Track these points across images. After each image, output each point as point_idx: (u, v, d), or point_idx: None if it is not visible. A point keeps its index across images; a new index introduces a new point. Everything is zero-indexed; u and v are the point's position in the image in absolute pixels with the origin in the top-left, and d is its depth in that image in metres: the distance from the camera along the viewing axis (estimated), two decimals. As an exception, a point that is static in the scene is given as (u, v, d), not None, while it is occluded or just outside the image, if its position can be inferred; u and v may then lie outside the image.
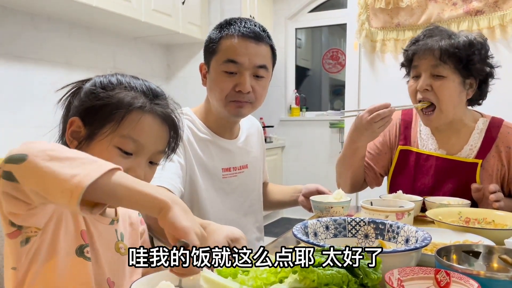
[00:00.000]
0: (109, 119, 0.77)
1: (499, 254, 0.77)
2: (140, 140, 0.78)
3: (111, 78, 0.82)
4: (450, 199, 1.35)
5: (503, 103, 2.19)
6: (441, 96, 1.33)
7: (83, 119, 0.79)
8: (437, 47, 1.31)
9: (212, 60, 1.24)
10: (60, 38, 2.79)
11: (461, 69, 1.33)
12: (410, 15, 2.43)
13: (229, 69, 1.20)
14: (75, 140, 0.79)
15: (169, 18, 3.13)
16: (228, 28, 1.23)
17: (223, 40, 1.22)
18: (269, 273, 0.63)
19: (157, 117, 0.80)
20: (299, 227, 0.89)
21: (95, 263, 0.79)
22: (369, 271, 0.63)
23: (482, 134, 1.41)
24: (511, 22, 2.19)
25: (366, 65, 2.65)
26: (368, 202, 1.21)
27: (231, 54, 1.20)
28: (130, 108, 0.78)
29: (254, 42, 1.22)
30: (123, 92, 0.80)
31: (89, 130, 0.78)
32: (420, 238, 0.83)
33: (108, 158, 0.72)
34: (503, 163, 1.38)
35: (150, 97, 0.81)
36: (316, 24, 4.80)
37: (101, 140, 0.77)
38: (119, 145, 0.77)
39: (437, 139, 1.46)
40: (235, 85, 1.21)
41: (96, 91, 0.80)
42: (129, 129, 0.77)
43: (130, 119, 0.78)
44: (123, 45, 3.30)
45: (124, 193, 0.61)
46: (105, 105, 0.78)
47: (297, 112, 4.75)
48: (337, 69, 4.94)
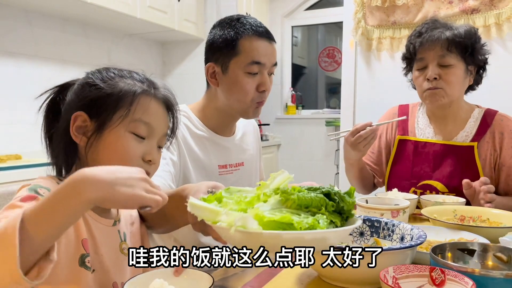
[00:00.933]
0: (118, 107, 0.78)
1: (493, 252, 0.77)
2: (151, 122, 0.80)
3: (107, 70, 0.83)
4: (445, 197, 1.36)
5: (498, 99, 2.19)
6: (450, 83, 1.41)
7: (88, 113, 0.79)
8: (444, 38, 1.39)
9: (232, 61, 1.22)
10: (55, 34, 2.77)
11: (466, 57, 1.41)
12: (406, 13, 2.43)
13: (253, 70, 1.22)
14: (83, 136, 0.79)
15: (164, 15, 3.12)
16: (244, 27, 1.22)
17: (243, 41, 1.21)
18: (253, 197, 0.66)
19: (160, 101, 0.83)
20: (294, 225, 0.89)
21: (100, 269, 0.79)
22: (344, 196, 0.68)
23: (478, 122, 1.48)
24: (506, 21, 2.19)
25: (362, 63, 2.65)
26: (363, 200, 1.21)
27: (256, 56, 1.21)
28: (137, 94, 0.80)
29: (269, 41, 1.24)
30: (123, 81, 0.81)
31: (98, 121, 0.78)
32: (415, 236, 0.83)
33: (125, 144, 0.77)
34: (495, 148, 1.45)
35: (148, 84, 0.83)
36: (312, 22, 4.79)
37: (113, 128, 0.78)
38: (133, 130, 0.79)
39: (434, 127, 1.54)
40: (258, 85, 1.24)
41: (96, 82, 0.80)
42: (140, 113, 0.79)
43: (140, 103, 0.80)
44: (118, 42, 3.28)
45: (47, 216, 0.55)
46: (110, 95, 0.79)
47: (293, 110, 4.75)
48: (333, 67, 4.93)
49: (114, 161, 0.76)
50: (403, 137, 1.57)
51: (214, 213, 0.63)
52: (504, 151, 1.43)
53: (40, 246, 0.55)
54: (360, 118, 2.69)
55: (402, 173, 1.54)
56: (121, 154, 0.78)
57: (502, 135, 1.44)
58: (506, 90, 2.27)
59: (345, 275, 0.77)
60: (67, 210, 0.56)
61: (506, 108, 1.79)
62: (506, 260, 0.75)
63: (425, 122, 1.57)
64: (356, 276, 0.77)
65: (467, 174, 1.42)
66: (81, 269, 0.76)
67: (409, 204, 1.16)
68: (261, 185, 0.71)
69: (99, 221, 0.81)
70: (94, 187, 0.56)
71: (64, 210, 0.56)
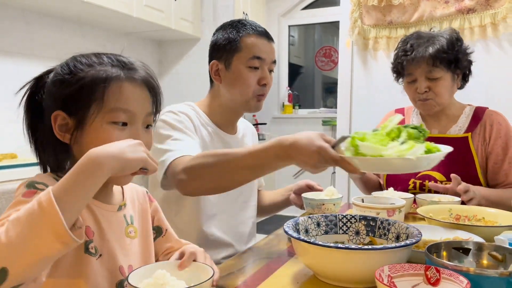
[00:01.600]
0: (92, 100, 0.76)
1: (488, 250, 0.77)
2: (129, 107, 0.78)
3: (75, 61, 0.80)
4: (441, 196, 1.37)
5: (493, 98, 2.21)
6: (439, 93, 1.52)
7: (65, 110, 0.77)
8: (428, 56, 1.47)
9: (235, 57, 1.32)
10: (51, 34, 2.76)
11: (451, 68, 1.50)
12: (402, 12, 2.44)
13: (254, 64, 1.32)
14: (66, 133, 0.78)
15: (161, 13, 3.11)
16: (245, 28, 1.34)
17: (245, 38, 1.32)
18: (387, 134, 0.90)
19: (134, 82, 0.79)
20: (290, 224, 0.89)
21: (107, 254, 0.79)
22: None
23: (469, 118, 1.59)
24: (502, 21, 2.20)
25: (359, 63, 2.65)
26: (359, 199, 1.22)
27: (256, 51, 1.31)
28: (107, 81, 0.77)
29: (268, 40, 1.35)
30: (92, 69, 0.78)
31: (76, 118, 0.77)
32: (411, 235, 0.83)
33: (107, 136, 0.75)
34: (485, 138, 1.55)
35: (120, 67, 0.79)
36: (309, 22, 4.80)
37: (92, 122, 0.76)
38: (112, 120, 0.77)
39: (427, 125, 1.63)
40: (259, 79, 1.32)
41: (65, 78, 0.78)
42: (114, 101, 0.76)
43: (111, 92, 0.76)
44: (115, 41, 3.27)
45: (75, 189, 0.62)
46: (81, 88, 0.76)
47: (290, 109, 4.75)
48: (330, 67, 4.94)
49: None
50: None
51: (378, 149, 0.84)
52: (492, 141, 1.54)
53: (69, 220, 0.61)
54: (357, 117, 2.69)
55: None
56: None
57: (492, 127, 1.55)
58: (502, 89, 2.28)
59: (340, 274, 0.77)
60: (92, 182, 0.64)
61: (501, 106, 1.81)
62: (501, 259, 0.75)
63: (419, 121, 1.67)
64: (352, 275, 0.77)
65: (464, 163, 1.53)
66: (85, 255, 0.76)
67: (404, 203, 1.17)
68: (383, 127, 0.92)
69: (103, 208, 0.82)
70: (111, 159, 0.65)
71: (89, 183, 0.63)
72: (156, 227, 0.94)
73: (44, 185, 0.73)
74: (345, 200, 2.47)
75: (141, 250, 0.87)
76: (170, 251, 0.92)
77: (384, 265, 0.69)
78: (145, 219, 0.91)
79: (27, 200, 0.66)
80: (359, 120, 2.67)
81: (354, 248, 0.74)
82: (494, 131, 1.54)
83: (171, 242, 0.94)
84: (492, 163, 1.53)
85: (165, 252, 0.93)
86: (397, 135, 0.89)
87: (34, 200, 0.61)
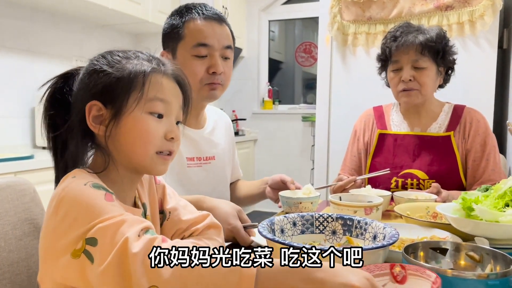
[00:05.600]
0: (131, 90, 0.75)
1: (466, 251, 0.76)
2: (167, 98, 0.78)
3: (111, 54, 0.80)
4: (418, 194, 1.36)
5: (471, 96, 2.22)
6: (423, 84, 1.52)
7: (101, 101, 0.76)
8: (418, 43, 1.48)
9: (179, 46, 1.23)
10: (22, 24, 2.66)
11: (438, 60, 1.52)
12: (381, 8, 2.43)
13: (200, 52, 1.22)
14: (101, 125, 0.76)
15: (138, 6, 3.03)
16: (190, 12, 1.23)
17: (188, 24, 1.22)
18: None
19: (168, 76, 0.80)
20: (265, 224, 0.86)
21: None
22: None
23: (449, 115, 1.60)
24: (480, 18, 2.21)
25: (338, 59, 2.64)
26: (337, 197, 1.20)
27: (201, 38, 1.21)
28: (147, 73, 0.77)
29: (218, 23, 1.24)
30: (131, 62, 0.78)
31: (113, 108, 0.75)
32: (388, 235, 0.81)
33: (145, 126, 0.75)
34: (464, 136, 1.56)
35: (156, 62, 0.80)
36: (289, 17, 4.77)
37: (130, 113, 0.75)
38: (151, 110, 0.76)
39: (408, 122, 1.64)
40: (208, 67, 1.23)
41: (103, 68, 0.76)
42: (154, 91, 0.77)
43: (152, 82, 0.77)
44: (90, 33, 3.18)
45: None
46: (120, 79, 0.75)
47: (269, 105, 4.73)
48: (310, 63, 4.93)
49: (137, 145, 0.76)
50: (383, 131, 1.66)
51: (495, 214, 0.86)
52: (471, 138, 1.55)
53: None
54: (336, 113, 2.68)
55: (383, 164, 1.61)
56: (143, 137, 0.76)
57: (471, 124, 1.56)
58: (479, 86, 2.30)
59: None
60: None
61: (478, 103, 1.82)
62: (479, 260, 0.74)
63: (399, 119, 1.66)
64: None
65: (446, 161, 1.54)
66: None
67: (382, 201, 1.15)
68: (495, 189, 0.95)
69: (134, 212, 0.79)
70: None
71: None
72: (162, 211, 0.91)
73: (103, 188, 0.70)
74: (323, 197, 2.46)
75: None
76: (179, 232, 0.89)
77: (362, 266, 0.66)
78: (153, 204, 0.90)
79: (115, 204, 0.67)
80: (338, 117, 2.66)
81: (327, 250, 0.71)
82: (473, 128, 1.55)
83: (179, 224, 0.89)
84: (471, 160, 1.54)
85: (175, 234, 0.89)
86: (511, 199, 0.91)
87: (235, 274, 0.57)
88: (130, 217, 0.64)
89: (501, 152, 1.66)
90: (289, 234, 0.91)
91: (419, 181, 1.54)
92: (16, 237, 0.96)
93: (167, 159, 0.79)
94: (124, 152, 0.77)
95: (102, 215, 0.63)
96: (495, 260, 0.72)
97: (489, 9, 2.18)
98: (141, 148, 0.76)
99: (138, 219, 0.65)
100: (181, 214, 0.90)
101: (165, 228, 0.90)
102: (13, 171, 1.98)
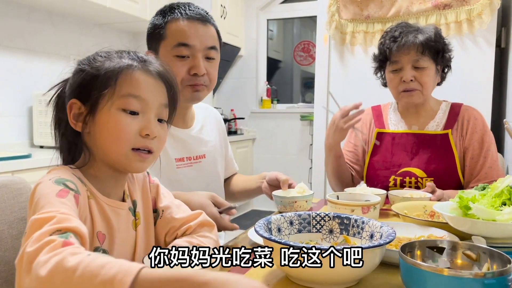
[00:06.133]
0: (105, 86, 0.76)
1: (463, 250, 0.76)
2: (141, 95, 0.77)
3: (96, 55, 0.82)
4: (413, 192, 1.36)
5: (469, 94, 2.22)
6: (424, 84, 1.52)
7: (79, 99, 0.77)
8: (419, 43, 1.47)
9: (161, 46, 1.21)
10: (19, 23, 2.65)
11: (437, 59, 1.52)
12: (379, 7, 2.43)
13: (181, 53, 1.19)
14: (79, 122, 0.78)
15: (135, 4, 3.03)
16: (173, 12, 1.21)
17: (170, 24, 1.20)
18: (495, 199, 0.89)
19: (149, 73, 0.80)
20: (262, 223, 0.86)
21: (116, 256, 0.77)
22: None
23: (446, 113, 1.60)
24: (478, 17, 2.21)
25: (336, 57, 2.63)
26: (334, 195, 1.20)
27: (182, 38, 1.19)
28: (120, 69, 0.77)
29: (202, 23, 1.21)
30: (111, 60, 0.79)
31: (89, 105, 0.77)
32: (385, 233, 0.81)
33: (117, 122, 0.75)
34: (462, 134, 1.56)
35: (137, 60, 0.80)
36: (288, 16, 4.76)
37: (104, 109, 0.76)
38: (123, 106, 0.76)
39: (406, 121, 1.64)
40: (189, 68, 1.20)
41: (83, 67, 0.79)
42: (126, 88, 0.77)
43: (124, 78, 0.77)
44: (88, 32, 3.17)
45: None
46: (96, 76, 0.77)
47: (268, 104, 4.72)
48: (308, 62, 4.92)
49: (111, 141, 0.76)
50: (382, 130, 1.66)
51: (492, 213, 0.85)
52: (468, 136, 1.55)
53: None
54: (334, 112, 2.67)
55: (382, 163, 1.62)
56: (115, 133, 0.76)
57: (468, 122, 1.56)
58: (477, 85, 2.30)
59: (312, 275, 0.75)
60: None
61: (476, 102, 1.82)
62: (475, 258, 0.74)
63: (397, 118, 1.66)
64: (324, 276, 0.74)
65: (444, 159, 1.54)
66: None
67: (379, 200, 1.15)
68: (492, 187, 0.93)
69: (114, 205, 0.80)
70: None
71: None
72: (155, 210, 0.91)
73: (72, 182, 0.72)
74: (321, 196, 2.46)
75: (144, 236, 0.87)
76: (173, 230, 0.89)
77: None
78: (146, 203, 0.90)
79: (66, 202, 0.66)
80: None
81: (327, 249, 0.71)
82: (471, 126, 1.55)
83: (172, 222, 0.89)
84: (470, 158, 1.54)
85: (168, 233, 0.89)
86: (508, 198, 0.90)
87: (113, 273, 0.50)
88: (62, 216, 0.61)
89: (498, 151, 1.66)
90: (286, 233, 0.91)
91: (417, 179, 1.54)
92: (12, 236, 0.96)
93: (144, 157, 0.78)
94: (101, 149, 0.78)
95: (44, 208, 0.63)
96: (492, 259, 0.71)
97: (487, 8, 2.18)
98: (114, 144, 0.76)
99: (68, 219, 0.61)
100: (174, 212, 0.90)
101: (159, 226, 0.90)
102: (10, 170, 1.97)
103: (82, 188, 0.75)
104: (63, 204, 0.66)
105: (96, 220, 0.76)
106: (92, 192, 0.78)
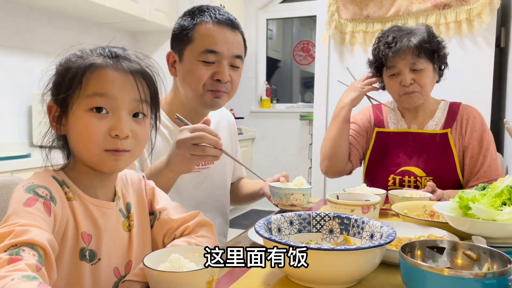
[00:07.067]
0: (72, 87, 0.74)
1: (463, 250, 0.76)
2: (107, 92, 0.74)
3: (70, 54, 0.80)
4: (413, 192, 1.36)
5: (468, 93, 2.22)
6: (423, 85, 1.51)
7: (55, 100, 0.77)
8: (413, 46, 1.47)
9: (187, 49, 1.18)
10: (18, 22, 2.64)
11: (433, 59, 1.51)
12: (379, 7, 2.43)
13: (208, 59, 1.16)
14: (58, 124, 0.77)
15: (135, 4, 3.02)
16: (202, 15, 1.17)
17: (198, 26, 1.16)
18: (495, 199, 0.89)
19: (118, 69, 0.76)
20: (262, 223, 0.85)
21: (102, 257, 0.78)
22: None
23: (445, 113, 1.60)
24: (477, 17, 2.21)
25: (336, 57, 2.63)
26: (334, 195, 1.19)
27: (210, 44, 1.15)
28: (87, 68, 0.75)
29: (231, 29, 1.18)
30: (81, 59, 0.77)
31: (61, 106, 0.76)
32: (385, 233, 0.81)
33: (84, 124, 0.73)
34: (461, 133, 1.56)
35: (108, 57, 0.77)
36: (287, 15, 4.76)
37: (71, 109, 0.75)
38: (90, 105, 0.74)
39: (406, 121, 1.64)
40: (213, 74, 1.17)
41: (56, 69, 0.78)
42: (92, 87, 0.74)
43: (89, 78, 0.74)
44: (87, 31, 3.16)
45: None
46: (64, 76, 0.75)
47: (267, 104, 4.72)
48: (307, 61, 4.92)
49: (81, 143, 0.75)
50: (381, 129, 1.67)
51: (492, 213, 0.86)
52: (468, 134, 1.54)
53: None
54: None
55: (381, 162, 1.62)
56: (85, 135, 0.74)
57: (467, 121, 1.56)
58: (476, 85, 2.30)
59: (312, 275, 0.75)
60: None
61: (475, 101, 1.82)
62: (476, 258, 0.74)
63: (397, 118, 1.67)
64: (324, 276, 0.74)
65: (443, 158, 1.54)
66: (81, 262, 0.75)
67: (379, 200, 1.15)
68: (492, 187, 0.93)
69: (101, 205, 0.79)
70: None
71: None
72: (152, 212, 0.91)
73: (45, 189, 0.70)
74: (321, 196, 2.46)
75: (139, 240, 0.86)
76: (171, 231, 0.89)
77: (358, 265, 0.66)
78: (141, 205, 0.89)
79: (31, 211, 0.64)
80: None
81: (327, 249, 0.71)
82: (470, 125, 1.55)
83: (169, 223, 0.89)
84: (469, 157, 1.53)
85: (166, 234, 0.89)
86: (508, 197, 0.90)
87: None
88: (20, 229, 0.60)
89: (498, 151, 1.66)
90: (286, 233, 0.91)
91: (416, 178, 1.54)
92: (11, 236, 0.96)
93: (118, 155, 0.76)
94: (75, 150, 0.78)
95: (8, 220, 0.63)
96: (492, 259, 0.71)
97: (486, 7, 2.18)
98: (84, 146, 0.75)
99: (26, 231, 0.60)
100: (171, 213, 0.90)
101: (156, 228, 0.90)
102: (9, 170, 1.97)
103: (59, 192, 0.73)
104: (29, 213, 0.64)
105: (81, 221, 0.75)
106: (76, 193, 0.77)
